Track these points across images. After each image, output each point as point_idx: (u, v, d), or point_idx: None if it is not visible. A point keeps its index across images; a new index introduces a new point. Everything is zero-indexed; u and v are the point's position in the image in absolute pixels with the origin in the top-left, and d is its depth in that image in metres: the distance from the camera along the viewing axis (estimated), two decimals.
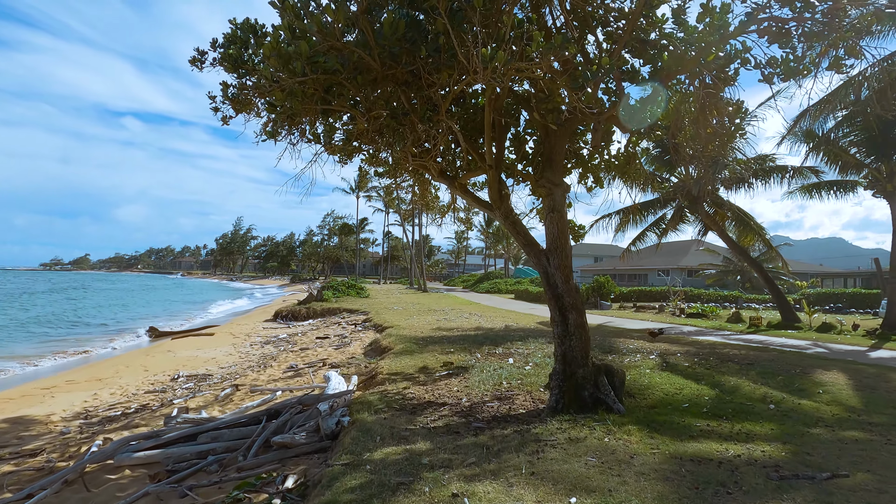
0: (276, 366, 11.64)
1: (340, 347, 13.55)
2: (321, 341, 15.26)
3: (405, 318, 19.06)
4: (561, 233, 6.68)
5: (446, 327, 15.66)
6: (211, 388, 9.88)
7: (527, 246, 6.94)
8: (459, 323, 17.26)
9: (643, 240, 21.06)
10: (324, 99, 5.21)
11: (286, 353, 13.34)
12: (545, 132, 6.99)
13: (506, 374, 8.18)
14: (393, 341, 12.02)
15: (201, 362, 13.23)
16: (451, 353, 10.27)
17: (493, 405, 6.59)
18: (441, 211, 12.18)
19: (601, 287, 28.88)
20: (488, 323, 17.31)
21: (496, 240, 65.17)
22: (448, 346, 11.18)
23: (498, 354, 10.22)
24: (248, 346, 15.90)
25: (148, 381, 10.95)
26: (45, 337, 20.24)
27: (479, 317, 20.43)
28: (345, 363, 10.79)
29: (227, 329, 21.72)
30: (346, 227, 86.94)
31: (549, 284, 6.64)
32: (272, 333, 19.34)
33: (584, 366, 6.41)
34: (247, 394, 8.76)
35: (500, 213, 7.08)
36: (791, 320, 17.08)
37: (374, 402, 6.55)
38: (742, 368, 8.94)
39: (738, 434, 5.31)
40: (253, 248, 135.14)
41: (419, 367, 9.00)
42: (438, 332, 14.15)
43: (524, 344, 11.44)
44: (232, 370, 11.86)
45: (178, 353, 14.76)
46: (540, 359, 9.59)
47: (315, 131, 8.86)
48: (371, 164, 10.17)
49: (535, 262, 6.87)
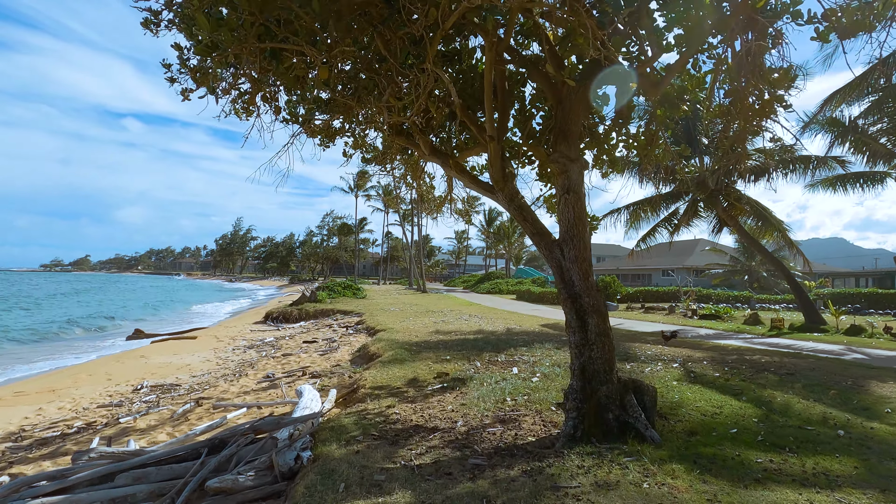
0: (253, 375, 10.41)
1: (326, 353, 12.32)
2: (307, 346, 14.04)
3: (400, 321, 17.83)
4: (578, 218, 5.45)
5: (444, 331, 14.43)
6: (173, 401, 8.66)
7: (536, 235, 5.71)
8: (458, 326, 16.03)
9: (653, 236, 19.82)
10: (268, 32, 3.98)
11: (266, 360, 12.12)
12: (557, 99, 5.76)
13: (510, 388, 6.95)
14: (383, 347, 10.79)
15: (173, 370, 12.01)
16: (447, 362, 9.04)
17: (495, 430, 5.36)
18: (437, 203, 10.96)
19: (607, 287, 27.64)
20: (489, 326, 16.08)
21: (497, 239, 63.96)
22: (444, 353, 9.96)
23: (500, 363, 8.98)
24: (229, 352, 14.68)
25: (107, 393, 9.74)
26: (22, 342, 19.05)
27: (479, 319, 19.20)
28: (327, 372, 9.57)
29: (214, 332, 20.51)
30: (346, 227, 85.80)
31: (564, 282, 5.41)
32: (259, 337, 18.12)
33: (608, 382, 5.18)
34: (208, 410, 7.53)
35: (503, 196, 5.85)
36: (816, 322, 15.83)
37: (348, 426, 5.32)
38: (783, 380, 7.71)
39: (816, 476, 4.07)
40: (253, 249, 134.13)
41: (409, 378, 7.76)
42: (435, 337, 12.92)
43: (529, 350, 10.21)
44: (204, 379, 10.65)
45: (152, 360, 13.54)
46: (548, 368, 8.35)
47: (294, 110, 7.72)
48: (357, 147, 9.05)
49: (546, 255, 5.65)
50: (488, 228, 67.76)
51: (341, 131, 8.73)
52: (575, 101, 5.55)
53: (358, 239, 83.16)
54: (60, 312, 32.04)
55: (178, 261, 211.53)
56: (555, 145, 5.63)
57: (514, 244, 62.67)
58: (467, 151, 6.66)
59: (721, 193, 16.87)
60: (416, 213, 59.63)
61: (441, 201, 10.82)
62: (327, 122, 8.50)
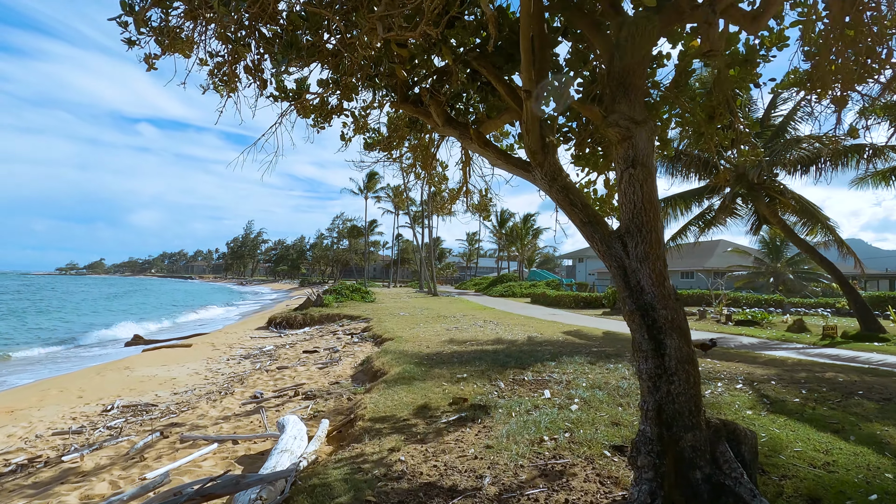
0: (240, 393, 9.06)
1: (326, 366, 10.94)
2: (307, 357, 12.68)
3: (410, 328, 16.43)
4: (648, 201, 3.99)
5: (458, 339, 12.99)
6: (141, 427, 7.34)
7: (588, 225, 4.26)
8: (473, 333, 14.57)
9: (685, 235, 18.20)
10: None
11: (259, 374, 10.77)
12: (609, 48, 4.32)
13: (546, 422, 5.49)
14: (389, 361, 9.38)
15: (156, 384, 10.72)
16: (465, 381, 7.60)
17: (537, 492, 3.91)
18: (450, 196, 9.53)
19: None
20: (508, 333, 14.61)
21: (509, 241, 62.34)
22: (460, 369, 8.52)
23: (528, 383, 7.52)
24: (222, 362, 13.38)
25: (71, 415, 8.45)
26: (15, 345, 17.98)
27: (495, 325, 17.72)
28: (323, 392, 8.18)
29: (213, 338, 19.29)
30: (356, 230, 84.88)
31: (629, 288, 3.95)
32: (258, 345, 16.84)
33: (695, 427, 3.71)
34: (173, 444, 6.17)
35: (541, 174, 4.41)
36: (874, 330, 14.10)
37: (335, 485, 3.91)
38: (884, 408, 6.16)
39: None
40: (264, 252, 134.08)
41: (418, 405, 6.33)
42: (448, 347, 11.48)
43: (559, 366, 8.73)
44: (185, 397, 9.33)
45: (136, 372, 12.28)
46: (586, 391, 6.87)
47: (282, 83, 6.44)
48: (358, 131, 7.74)
49: (602, 253, 4.19)
50: (500, 230, 66.19)
51: (338, 109, 7.39)
52: (639, 42, 4.09)
53: (368, 241, 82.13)
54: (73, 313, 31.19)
55: (191, 264, 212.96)
56: (611, 105, 4.18)
57: (527, 246, 61.02)
58: (491, 122, 5.23)
59: (763, 187, 15.24)
60: (427, 215, 58.35)
61: (455, 194, 9.41)
62: (322, 98, 7.16)
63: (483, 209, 9.70)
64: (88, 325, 27.49)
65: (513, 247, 62.20)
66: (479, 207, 9.59)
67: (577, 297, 30.94)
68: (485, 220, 10.45)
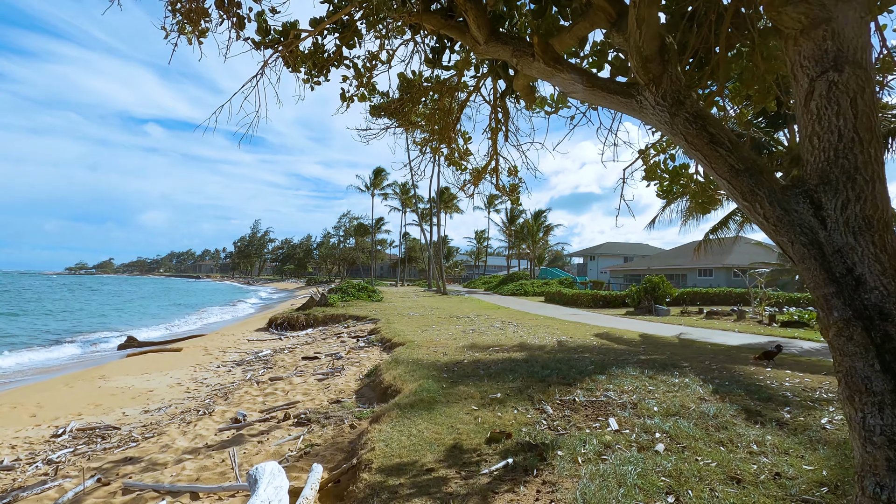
0: (220, 413, 7.44)
1: (327, 378, 9.30)
2: (306, 365, 11.06)
3: (422, 330, 14.78)
4: (865, 129, 2.28)
5: (479, 344, 11.31)
6: (88, 461, 5.74)
7: (743, 175, 2.54)
8: (494, 336, 12.90)
9: (727, 226, 16.41)
10: None
11: (248, 387, 9.16)
12: None
13: (633, 476, 3.80)
14: (402, 374, 7.71)
15: (127, 399, 9.15)
16: (500, 404, 5.92)
17: None
18: (474, 175, 7.82)
19: (655, 288, 24.17)
20: (532, 336, 12.91)
21: (520, 238, 60.54)
22: (491, 385, 6.84)
23: (581, 406, 5.83)
24: (210, 370, 11.80)
25: (11, 441, 6.87)
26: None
27: (515, 326, 16.03)
28: (320, 414, 6.54)
29: (207, 341, 17.75)
30: (362, 228, 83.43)
31: (833, 279, 2.24)
32: (254, 349, 15.27)
33: None
34: (113, 494, 4.55)
35: (656, 98, 2.72)
36: None
37: None
38: None
39: None
40: (271, 251, 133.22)
41: (446, 443, 4.66)
42: (469, 355, 9.82)
43: (612, 380, 7.03)
44: (157, 416, 7.74)
45: (110, 382, 10.73)
46: (666, 421, 5.18)
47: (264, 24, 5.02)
48: (362, 86, 6.26)
49: (774, 222, 2.46)
50: (510, 227, 64.45)
51: (337, 57, 5.80)
52: None
53: (375, 240, 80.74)
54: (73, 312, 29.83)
55: (199, 263, 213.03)
56: None
57: (538, 243, 59.19)
58: (561, 37, 3.53)
59: None
60: (436, 211, 56.68)
61: (481, 171, 7.73)
62: (316, 43, 5.58)
63: (513, 191, 7.97)
64: (97, 324, 26.20)
65: (523, 244, 60.39)
66: (510, 190, 7.89)
67: (597, 296, 29.16)
68: (514, 204, 9.42)
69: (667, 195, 5.49)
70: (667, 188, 5.46)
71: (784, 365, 8.79)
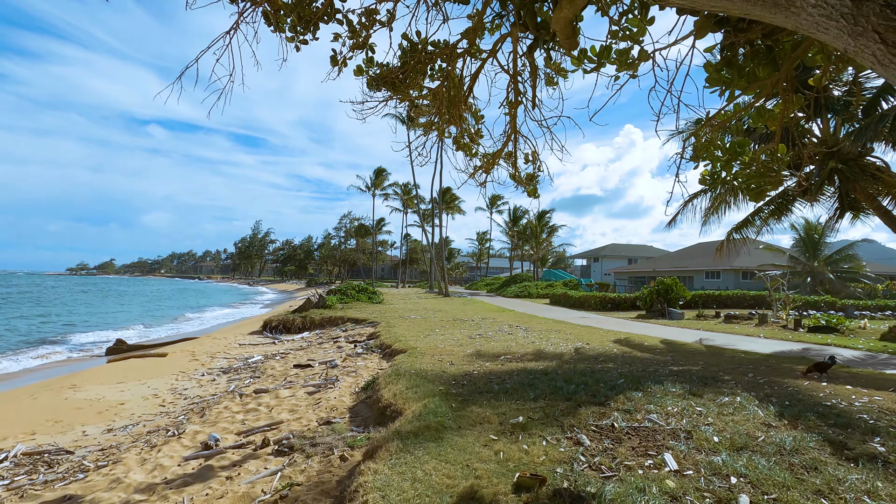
0: (191, 435, 6.38)
1: (318, 390, 8.23)
2: (297, 374, 9.99)
3: (425, 335, 13.71)
4: None
5: (488, 352, 10.24)
6: (21, 500, 4.69)
7: None
8: (504, 343, 11.82)
9: (751, 225, 15.31)
10: None
11: (229, 401, 8.10)
12: None
13: None
14: (403, 390, 6.62)
15: (93, 414, 8.09)
16: (525, 431, 4.85)
17: None
18: (487, 161, 6.74)
19: (668, 291, 23.07)
20: (546, 343, 11.83)
21: (523, 239, 59.41)
22: (509, 405, 5.77)
23: (623, 434, 4.76)
24: (193, 380, 10.75)
25: None
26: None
27: (524, 331, 14.96)
28: (305, 440, 5.47)
29: (197, 345, 16.69)
30: (363, 229, 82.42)
31: None
32: (245, 354, 14.21)
33: None
34: None
35: None
36: None
37: None
38: None
39: None
40: (272, 252, 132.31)
41: (462, 493, 3.57)
42: (479, 364, 8.74)
43: (649, 398, 5.95)
44: (120, 437, 6.69)
45: (80, 393, 9.68)
46: (737, 458, 4.11)
47: None
48: (358, 46, 5.25)
49: None
50: (513, 228, 63.31)
51: (326, 9, 4.84)
52: None
53: (376, 241, 79.70)
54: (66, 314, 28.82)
55: (200, 264, 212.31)
56: None
57: (542, 244, 58.03)
58: None
59: (860, 164, 12.35)
60: (438, 212, 55.62)
61: (495, 155, 6.67)
62: None
63: (530, 181, 6.87)
64: (89, 325, 25.18)
65: (526, 245, 59.25)
66: (527, 180, 6.81)
67: (605, 299, 28.03)
68: (531, 195, 8.44)
69: (715, 180, 4.43)
70: (721, 168, 4.43)
71: (839, 378, 7.71)
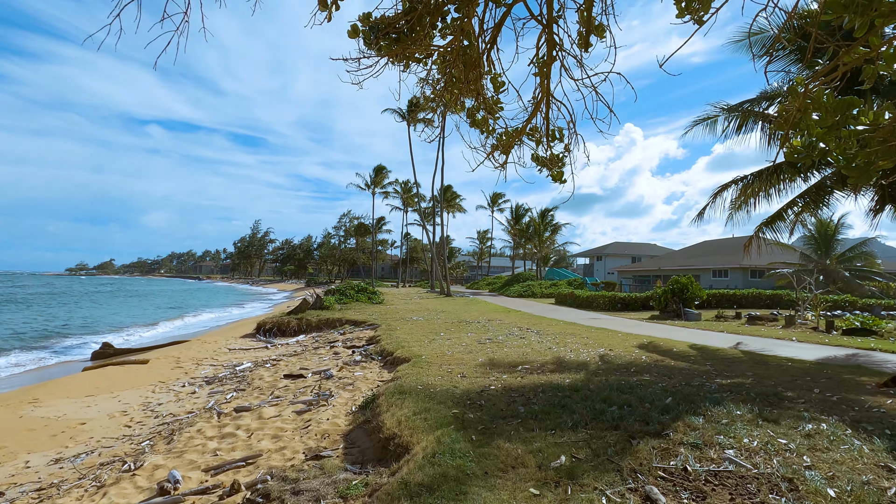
0: (150, 470, 5.21)
1: (309, 409, 7.04)
2: (286, 387, 8.82)
3: (430, 339, 12.54)
4: None
5: (503, 361, 9.07)
6: None
7: None
8: (518, 348, 10.65)
9: (783, 219, 14.12)
10: None
11: (207, 421, 6.93)
12: None
13: None
14: (410, 416, 5.43)
15: (45, 438, 6.92)
16: (572, 481, 3.68)
17: None
18: (508, 138, 5.52)
19: (684, 290, 21.90)
20: (565, 349, 10.67)
21: (526, 238, 58.20)
22: (542, 436, 4.60)
23: (704, 484, 3.59)
24: (172, 391, 9.59)
25: None
26: None
27: (536, 334, 13.80)
28: (288, 479, 4.30)
29: (182, 350, 15.53)
30: (363, 228, 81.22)
31: None
32: (234, 360, 13.05)
33: None
34: None
35: None
36: None
37: None
38: None
39: None
40: (271, 252, 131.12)
41: None
42: (495, 376, 7.57)
43: (715, 425, 4.78)
44: (67, 469, 5.52)
45: (41, 408, 8.51)
46: None
47: None
48: None
49: None
50: (515, 226, 62.09)
51: None
52: None
53: (375, 240, 78.49)
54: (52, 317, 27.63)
55: (199, 264, 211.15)
56: None
57: (545, 243, 56.83)
58: None
59: None
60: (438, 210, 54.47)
61: (519, 132, 5.48)
62: None
63: (554, 163, 5.65)
64: (84, 328, 24.01)
65: (529, 244, 58.04)
66: (551, 162, 5.59)
67: (614, 298, 26.86)
68: (556, 180, 7.39)
69: (810, 152, 3.24)
70: (820, 138, 3.21)
71: None
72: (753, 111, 13.06)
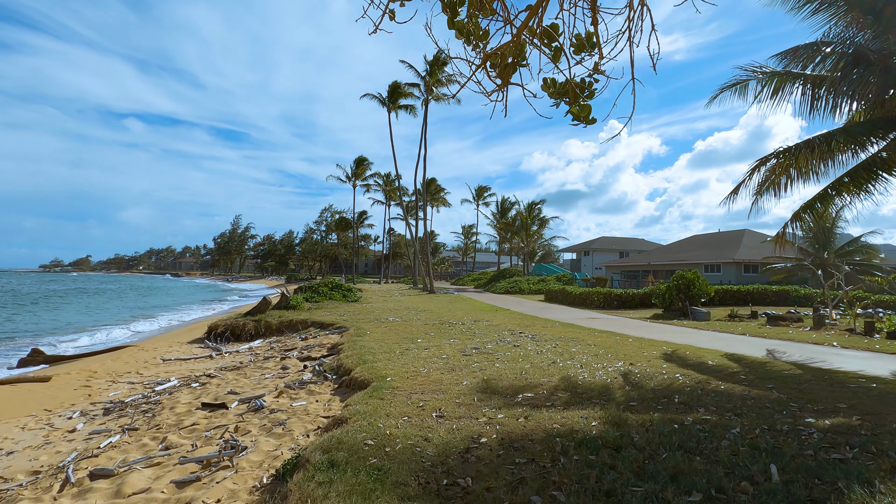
0: None
1: (195, 481, 4.57)
2: (198, 421, 6.33)
3: (402, 350, 10.13)
4: None
5: (495, 385, 6.71)
6: None
7: None
8: (514, 364, 8.31)
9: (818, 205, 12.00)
10: None
11: (46, 492, 4.45)
12: None
13: None
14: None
15: None
16: None
17: None
18: (501, 51, 3.13)
19: (690, 286, 19.82)
20: (573, 363, 8.36)
21: (512, 232, 55.98)
22: None
23: None
24: (47, 428, 7.05)
25: None
26: None
27: (532, 340, 11.50)
28: None
29: (111, 359, 12.89)
30: (344, 222, 78.22)
31: None
32: (162, 374, 10.52)
33: None
34: None
35: None
36: None
37: None
38: None
39: None
40: (252, 248, 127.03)
41: None
42: (487, 416, 5.22)
43: None
44: None
45: None
46: None
47: None
48: None
49: None
50: (501, 220, 59.85)
51: None
52: None
53: (357, 235, 75.59)
54: None
55: (179, 260, 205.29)
56: None
57: (532, 237, 54.70)
58: None
59: None
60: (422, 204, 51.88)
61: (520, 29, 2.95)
62: None
63: (581, 90, 3.11)
64: (25, 331, 21.00)
65: (515, 238, 55.86)
66: (578, 87, 3.09)
67: (610, 295, 24.75)
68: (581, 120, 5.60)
69: None
70: None
71: None
72: (792, 73, 10.84)
